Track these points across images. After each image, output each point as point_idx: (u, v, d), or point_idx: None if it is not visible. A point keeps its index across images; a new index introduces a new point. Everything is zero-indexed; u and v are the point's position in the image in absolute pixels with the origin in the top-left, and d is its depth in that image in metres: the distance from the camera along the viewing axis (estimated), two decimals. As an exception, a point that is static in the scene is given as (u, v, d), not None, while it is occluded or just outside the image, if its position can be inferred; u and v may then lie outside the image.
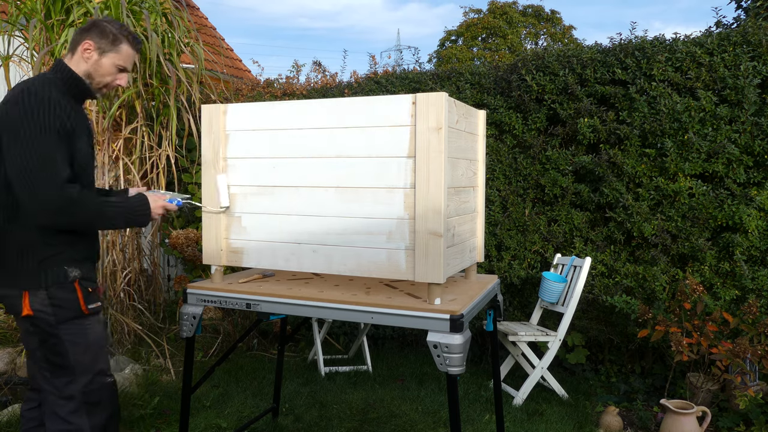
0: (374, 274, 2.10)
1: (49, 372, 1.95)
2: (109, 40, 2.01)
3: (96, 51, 2.01)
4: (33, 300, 1.90)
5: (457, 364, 1.89)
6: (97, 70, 2.02)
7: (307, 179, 2.20)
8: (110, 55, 2.02)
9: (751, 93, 3.41)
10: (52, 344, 1.93)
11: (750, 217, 3.44)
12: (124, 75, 2.10)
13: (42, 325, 1.92)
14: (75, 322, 1.95)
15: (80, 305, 1.96)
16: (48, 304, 1.91)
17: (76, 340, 1.95)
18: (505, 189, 4.20)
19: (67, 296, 1.93)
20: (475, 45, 19.12)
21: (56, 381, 1.95)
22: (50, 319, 1.91)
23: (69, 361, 1.94)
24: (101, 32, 2.01)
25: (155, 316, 4.65)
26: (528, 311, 4.19)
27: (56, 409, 1.95)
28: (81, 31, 2.03)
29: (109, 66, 2.03)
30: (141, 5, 4.03)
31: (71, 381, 1.94)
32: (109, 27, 2.03)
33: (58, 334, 1.92)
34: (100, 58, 2.02)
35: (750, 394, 2.99)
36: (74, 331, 1.95)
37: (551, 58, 4.04)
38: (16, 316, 1.96)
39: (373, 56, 6.88)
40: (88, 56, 2.01)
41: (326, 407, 3.52)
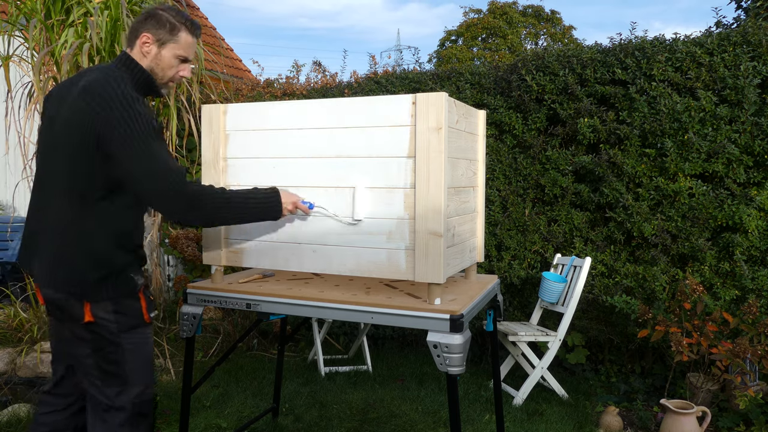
0: (374, 274, 2.10)
1: (100, 380, 1.85)
2: (166, 29, 1.90)
3: (155, 44, 1.90)
4: (95, 307, 1.80)
5: (457, 364, 1.89)
6: (158, 64, 1.92)
7: (307, 179, 2.20)
8: (170, 45, 1.91)
9: (751, 93, 3.41)
10: (109, 352, 1.83)
11: (750, 217, 3.44)
12: (187, 66, 1.98)
13: (102, 333, 1.82)
14: (137, 330, 1.87)
15: (143, 314, 1.88)
16: (111, 311, 1.82)
17: (136, 349, 1.87)
18: (505, 189, 4.20)
19: (131, 304, 1.86)
20: (475, 45, 19.12)
21: (108, 390, 1.85)
22: (112, 327, 1.82)
23: (124, 370, 1.85)
24: (158, 22, 1.89)
25: (155, 317, 4.65)
26: (528, 311, 4.19)
27: (105, 417, 1.87)
28: (138, 23, 1.91)
29: (170, 58, 1.92)
30: (141, 5, 4.03)
31: (123, 391, 1.86)
32: (165, 15, 1.91)
33: (119, 343, 1.83)
34: (160, 51, 1.90)
35: (750, 394, 2.99)
36: (135, 341, 1.87)
37: (551, 58, 4.04)
38: (71, 322, 1.84)
39: (373, 56, 6.88)
40: (148, 50, 1.90)
41: (326, 407, 3.51)
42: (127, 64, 1.90)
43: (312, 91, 5.41)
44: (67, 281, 1.80)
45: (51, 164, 1.83)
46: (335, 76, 6.18)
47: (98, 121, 1.72)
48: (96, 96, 1.74)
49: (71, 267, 1.79)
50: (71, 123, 1.76)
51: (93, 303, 1.79)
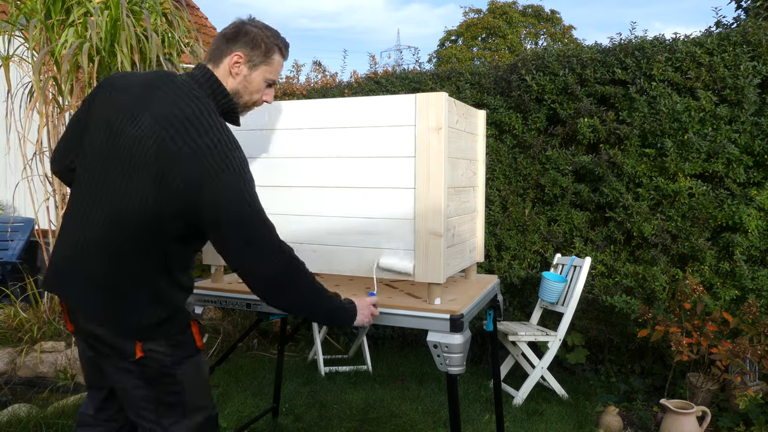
0: (374, 274, 2.10)
1: (153, 413, 1.68)
2: (261, 50, 1.70)
3: (246, 65, 1.69)
4: (147, 344, 1.61)
5: (457, 364, 1.89)
6: (247, 87, 1.72)
7: (306, 179, 2.20)
8: (262, 68, 1.71)
9: (751, 93, 3.41)
10: (166, 384, 1.66)
11: (750, 217, 3.44)
12: (271, 90, 1.79)
13: (154, 366, 1.64)
14: (192, 360, 1.71)
15: (196, 342, 1.72)
16: (165, 344, 1.64)
17: (193, 378, 1.71)
18: (505, 189, 4.20)
19: (186, 336, 1.70)
20: (475, 45, 19.13)
21: (164, 421, 1.68)
22: (166, 360, 1.64)
23: (184, 400, 1.69)
24: (253, 41, 1.69)
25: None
26: (528, 311, 4.19)
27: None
28: (227, 39, 1.69)
29: (259, 82, 1.73)
30: (141, 5, 4.03)
31: (181, 420, 1.70)
32: (261, 34, 1.70)
33: (174, 374, 1.66)
34: (251, 73, 1.71)
35: (750, 394, 2.99)
36: (191, 370, 1.70)
37: (551, 58, 4.04)
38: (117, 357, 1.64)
39: (373, 56, 6.88)
40: (238, 71, 1.69)
41: (326, 407, 3.51)
42: (213, 88, 1.67)
43: (312, 91, 5.41)
44: (119, 319, 1.60)
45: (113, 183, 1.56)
46: (335, 76, 6.19)
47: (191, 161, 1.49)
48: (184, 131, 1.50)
49: (127, 305, 1.59)
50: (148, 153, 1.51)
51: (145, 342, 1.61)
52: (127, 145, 1.54)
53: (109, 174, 1.57)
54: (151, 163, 1.51)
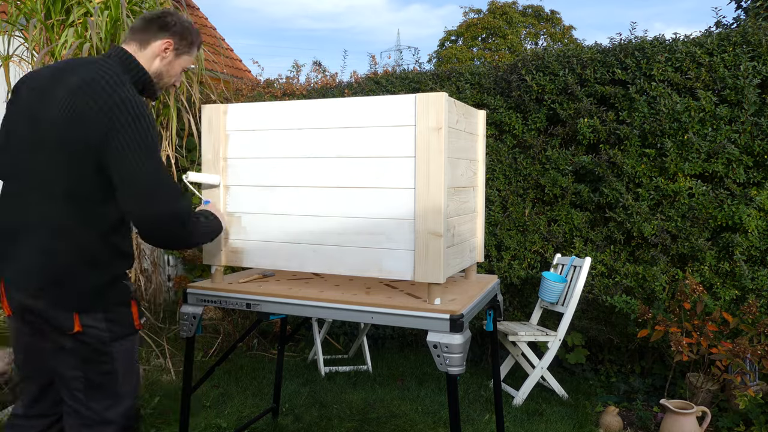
0: (374, 274, 2.11)
1: (84, 394, 1.71)
2: (188, 42, 1.91)
3: (173, 51, 1.89)
4: (85, 316, 1.67)
5: (457, 364, 1.89)
6: (169, 71, 1.91)
7: (307, 179, 2.20)
8: (185, 57, 1.93)
9: (751, 93, 3.41)
10: (101, 363, 1.71)
11: (750, 217, 3.44)
12: (182, 76, 2.05)
13: (92, 343, 1.68)
14: (128, 339, 1.76)
15: (134, 321, 1.78)
16: (102, 319, 1.69)
17: (127, 359, 1.76)
18: (505, 189, 4.20)
19: (123, 311, 1.76)
20: (475, 45, 19.13)
21: (94, 404, 1.72)
22: (103, 336, 1.69)
23: (116, 382, 1.74)
24: (181, 33, 1.89)
25: (155, 316, 4.65)
26: (528, 311, 4.19)
27: None
28: (157, 27, 1.85)
29: (179, 68, 1.93)
30: (141, 5, 4.03)
31: (113, 405, 1.74)
32: (186, 27, 1.91)
33: (110, 353, 1.71)
34: (176, 60, 1.91)
35: (750, 394, 2.99)
36: (126, 349, 1.76)
37: (551, 58, 4.04)
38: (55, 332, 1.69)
39: (373, 56, 6.89)
40: (165, 55, 1.87)
41: (326, 407, 3.52)
42: (126, 62, 1.80)
43: (312, 91, 5.41)
44: (56, 290, 1.66)
45: (36, 163, 1.68)
46: (335, 76, 6.19)
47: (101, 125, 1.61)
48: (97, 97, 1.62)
49: (63, 275, 1.66)
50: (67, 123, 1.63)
51: (83, 313, 1.67)
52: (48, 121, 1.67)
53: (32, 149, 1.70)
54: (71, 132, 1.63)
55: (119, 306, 1.75)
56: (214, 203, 2.31)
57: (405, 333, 4.70)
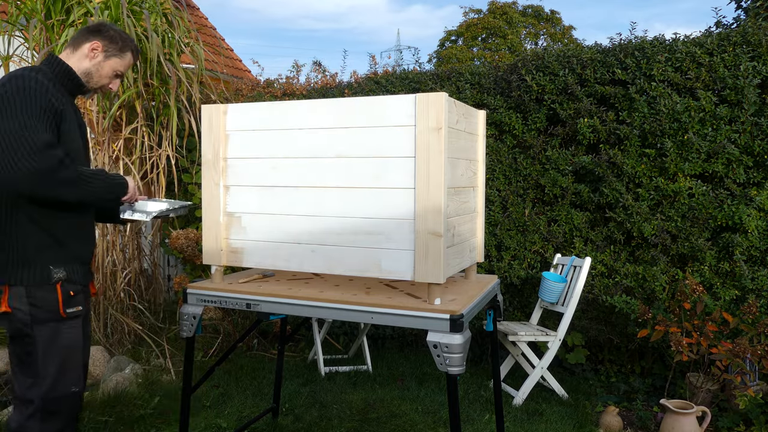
0: (374, 274, 2.11)
1: (17, 370, 1.93)
2: (117, 46, 2.09)
3: (102, 53, 2.07)
4: (11, 297, 1.88)
5: (457, 364, 1.89)
6: (98, 71, 2.08)
7: (307, 179, 2.20)
8: (114, 59, 2.09)
9: (751, 93, 3.41)
10: (24, 344, 1.90)
11: (750, 217, 3.44)
12: (118, 80, 2.18)
13: (17, 324, 1.89)
14: (50, 324, 1.91)
15: (59, 308, 1.91)
16: (26, 302, 1.88)
17: (48, 343, 1.90)
18: (505, 189, 4.20)
19: (46, 296, 1.90)
20: (475, 45, 19.13)
21: (21, 379, 1.92)
22: (26, 318, 1.88)
23: (36, 363, 1.89)
24: (111, 37, 2.08)
25: (155, 316, 4.65)
26: (528, 311, 4.19)
27: (18, 406, 1.93)
28: (88, 32, 2.08)
29: (109, 69, 2.09)
30: (141, 5, 4.03)
31: (34, 384, 1.90)
32: (118, 34, 2.11)
33: (32, 335, 1.89)
34: (104, 61, 2.08)
35: (750, 394, 2.99)
36: (48, 334, 1.90)
37: (551, 59, 4.04)
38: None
39: (373, 56, 6.89)
40: (94, 56, 2.06)
41: (326, 407, 3.52)
42: (51, 62, 2.01)
43: (312, 91, 5.41)
44: None
45: None
46: (335, 77, 6.19)
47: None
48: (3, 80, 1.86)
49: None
50: None
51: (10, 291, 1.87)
52: None
53: None
54: None
55: (41, 290, 1.89)
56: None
57: (405, 333, 4.70)
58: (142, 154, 4.39)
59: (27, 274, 1.88)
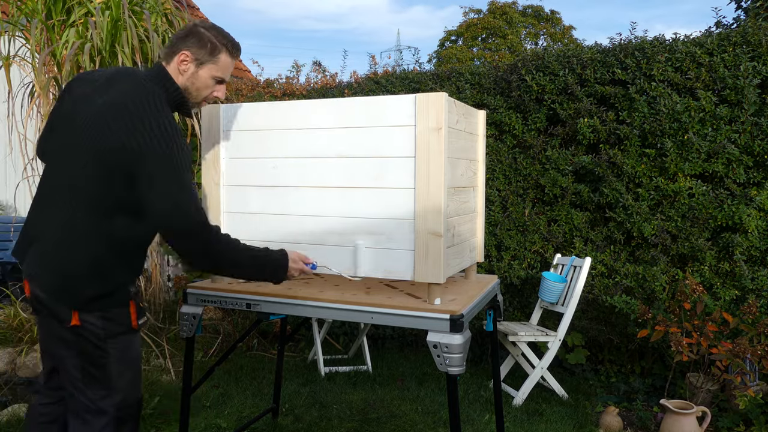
0: (374, 274, 2.11)
1: (82, 383, 1.82)
2: (207, 50, 1.85)
3: (193, 63, 1.85)
4: (84, 313, 1.77)
5: (457, 364, 1.89)
6: (194, 84, 1.87)
7: (307, 179, 2.20)
8: (208, 66, 1.86)
9: (751, 93, 3.41)
10: (96, 357, 1.80)
11: (750, 217, 3.44)
12: (223, 87, 1.94)
13: (88, 337, 1.78)
14: (123, 337, 1.84)
15: (132, 321, 1.85)
16: (99, 317, 1.78)
17: (122, 356, 1.84)
18: (505, 189, 4.20)
19: (121, 312, 1.83)
20: (475, 45, 19.13)
21: (90, 393, 1.83)
22: (99, 333, 1.79)
23: (110, 375, 1.83)
24: (199, 41, 1.85)
25: (155, 316, 4.65)
26: (528, 311, 4.19)
27: (87, 419, 1.84)
28: (178, 39, 1.87)
29: (206, 79, 1.87)
30: (142, 5, 4.03)
31: (107, 395, 1.83)
32: (207, 34, 1.86)
33: (105, 348, 1.80)
34: (197, 71, 1.86)
35: (750, 394, 2.99)
36: (121, 347, 1.84)
37: (551, 59, 4.04)
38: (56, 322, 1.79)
39: (373, 56, 6.89)
40: (185, 68, 1.85)
41: (326, 407, 3.52)
42: (163, 81, 1.84)
43: (312, 91, 5.41)
44: (59, 287, 1.76)
45: (67, 166, 1.76)
46: (335, 76, 6.20)
47: (132, 141, 1.67)
48: (131, 114, 1.68)
49: (68, 274, 1.75)
50: (99, 134, 1.69)
51: (83, 312, 1.76)
52: (81, 125, 1.73)
53: (65, 151, 1.77)
54: (102, 143, 1.69)
55: (117, 307, 1.82)
56: (304, 258, 2.06)
57: (405, 333, 4.70)
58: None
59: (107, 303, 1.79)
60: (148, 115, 1.69)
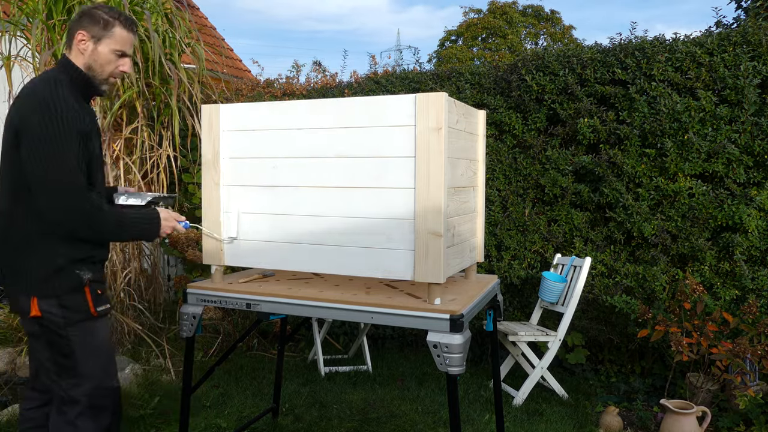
0: (374, 274, 2.11)
1: (56, 374, 1.91)
2: (100, 26, 1.93)
3: (90, 40, 1.93)
4: (41, 302, 1.87)
5: (457, 364, 1.89)
6: (96, 60, 1.95)
7: (307, 179, 2.20)
8: (105, 41, 1.93)
9: (751, 93, 3.41)
10: (61, 346, 1.89)
11: (750, 217, 3.44)
12: (126, 60, 2.00)
13: (50, 327, 1.88)
14: (84, 324, 1.91)
15: (89, 308, 1.92)
16: (57, 305, 1.87)
17: (85, 342, 1.91)
18: (505, 189, 4.20)
19: (76, 299, 1.90)
20: (475, 45, 19.13)
21: (63, 383, 1.91)
22: (59, 321, 1.87)
23: (77, 363, 1.90)
24: (91, 19, 1.93)
25: (155, 316, 4.65)
26: (528, 311, 4.19)
27: (63, 409, 1.92)
28: (72, 23, 1.96)
29: (106, 54, 1.94)
30: (143, 5, 4.04)
31: (77, 384, 1.90)
32: (98, 12, 1.94)
33: (67, 336, 1.88)
34: (96, 47, 1.93)
35: (750, 394, 2.99)
36: (82, 334, 1.90)
37: (551, 58, 4.04)
38: (23, 316, 1.93)
39: (373, 56, 6.89)
40: (84, 47, 1.93)
41: (326, 407, 3.52)
42: (66, 66, 1.93)
43: (312, 91, 5.41)
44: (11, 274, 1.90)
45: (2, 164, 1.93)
46: (335, 76, 6.20)
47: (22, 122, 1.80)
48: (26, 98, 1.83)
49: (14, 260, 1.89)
50: (8, 125, 1.85)
51: (40, 298, 1.86)
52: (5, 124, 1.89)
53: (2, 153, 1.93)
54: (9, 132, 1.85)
55: (72, 293, 1.89)
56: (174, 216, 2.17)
57: (405, 333, 4.70)
58: (142, 154, 4.39)
59: (57, 284, 1.87)
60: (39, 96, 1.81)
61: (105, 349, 1.98)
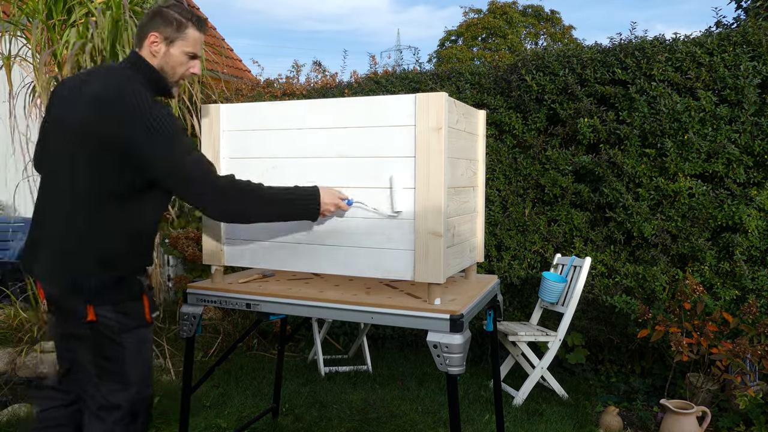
0: (374, 274, 2.11)
1: (98, 378, 1.85)
2: (173, 27, 1.88)
3: (163, 42, 1.88)
4: (98, 308, 1.80)
5: (457, 364, 1.89)
6: (168, 62, 1.90)
7: (307, 179, 2.20)
8: (178, 43, 1.89)
9: (751, 93, 3.41)
10: (112, 351, 1.83)
11: (750, 217, 3.44)
12: (197, 62, 1.97)
13: (104, 332, 1.81)
14: (138, 331, 1.87)
15: (146, 315, 1.88)
16: (113, 311, 1.81)
17: (135, 349, 1.86)
18: (505, 189, 4.20)
19: (136, 306, 1.87)
20: (475, 45, 19.13)
21: (104, 388, 1.85)
22: (114, 326, 1.81)
23: (124, 369, 1.85)
24: (164, 20, 1.88)
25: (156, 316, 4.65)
26: (528, 311, 4.19)
27: (101, 415, 1.86)
28: (144, 24, 1.91)
29: (179, 56, 1.91)
30: (143, 5, 4.03)
31: (122, 389, 1.86)
32: (171, 12, 1.89)
33: (121, 342, 1.83)
34: (169, 49, 1.89)
35: (750, 394, 2.99)
36: (135, 341, 1.87)
37: (551, 58, 4.04)
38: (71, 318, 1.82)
39: (373, 56, 6.89)
40: (157, 49, 1.88)
41: (326, 407, 3.52)
42: (138, 64, 1.88)
43: (312, 91, 5.41)
44: (72, 282, 1.79)
45: (62, 166, 1.81)
46: (335, 76, 6.19)
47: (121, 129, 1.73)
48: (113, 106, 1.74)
49: (78, 268, 1.79)
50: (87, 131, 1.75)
51: (97, 305, 1.79)
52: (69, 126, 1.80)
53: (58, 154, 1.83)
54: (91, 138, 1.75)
55: (130, 300, 1.86)
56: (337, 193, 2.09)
57: (405, 333, 4.70)
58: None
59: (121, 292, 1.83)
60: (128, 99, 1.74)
61: (149, 356, 1.95)
